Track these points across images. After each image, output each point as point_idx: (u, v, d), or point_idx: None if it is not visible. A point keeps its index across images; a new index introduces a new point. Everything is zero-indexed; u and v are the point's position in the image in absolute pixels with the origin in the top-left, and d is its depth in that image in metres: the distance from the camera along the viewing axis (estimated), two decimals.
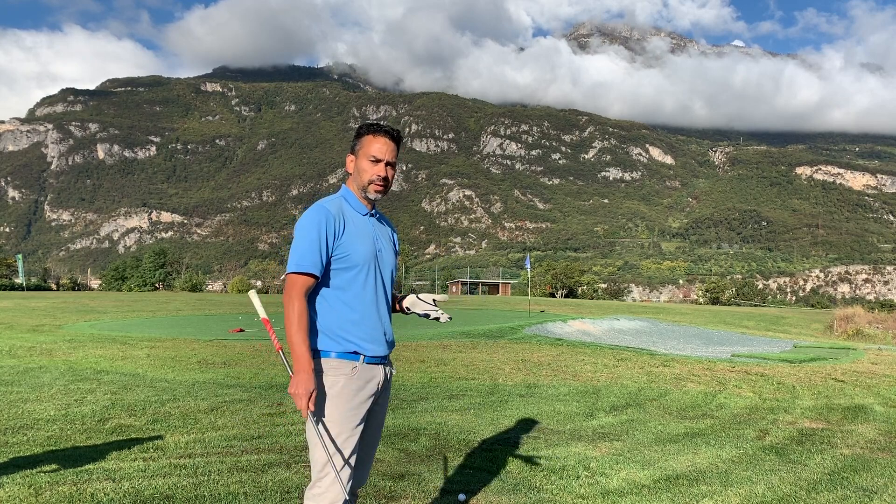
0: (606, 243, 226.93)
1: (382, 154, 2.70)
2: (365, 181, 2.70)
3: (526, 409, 6.93)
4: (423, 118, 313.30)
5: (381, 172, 2.70)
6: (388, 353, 2.74)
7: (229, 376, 8.55)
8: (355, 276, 2.63)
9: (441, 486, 4.26)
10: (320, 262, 2.57)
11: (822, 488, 4.45)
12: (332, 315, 2.63)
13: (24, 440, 5.11)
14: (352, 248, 2.62)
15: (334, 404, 2.57)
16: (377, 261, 2.70)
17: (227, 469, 4.43)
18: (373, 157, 2.69)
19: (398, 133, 2.78)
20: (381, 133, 2.73)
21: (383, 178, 2.71)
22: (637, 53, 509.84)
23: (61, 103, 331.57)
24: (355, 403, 2.60)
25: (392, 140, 2.73)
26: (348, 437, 2.57)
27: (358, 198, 2.75)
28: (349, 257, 2.62)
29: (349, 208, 2.71)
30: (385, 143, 2.71)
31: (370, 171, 2.69)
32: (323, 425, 2.57)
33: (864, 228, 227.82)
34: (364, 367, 2.64)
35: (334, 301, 2.63)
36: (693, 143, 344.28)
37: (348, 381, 2.59)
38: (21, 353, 10.57)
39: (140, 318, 20.87)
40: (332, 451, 2.55)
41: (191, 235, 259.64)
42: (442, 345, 12.52)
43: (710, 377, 9.69)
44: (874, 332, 30.00)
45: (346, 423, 2.58)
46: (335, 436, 2.55)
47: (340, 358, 2.61)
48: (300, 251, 2.56)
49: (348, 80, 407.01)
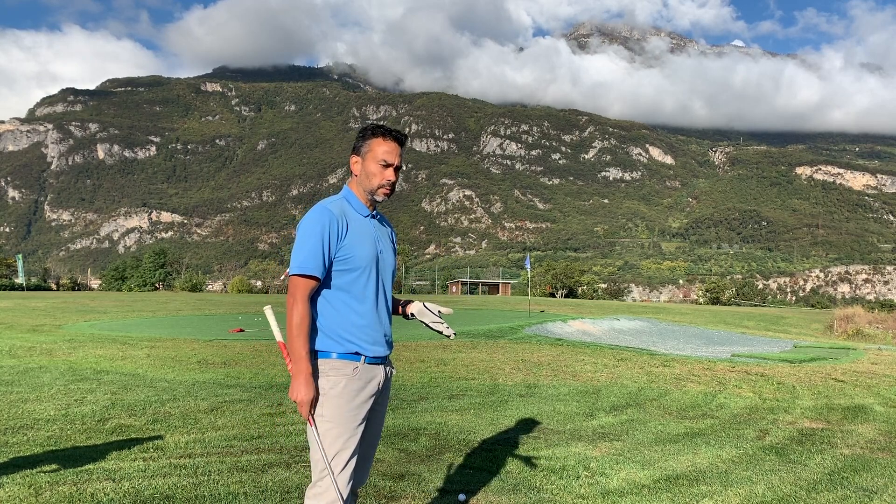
0: (606, 243, 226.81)
1: (392, 158, 2.69)
2: (374, 185, 2.69)
3: (526, 409, 6.93)
4: (423, 118, 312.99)
5: (391, 178, 2.70)
6: (388, 354, 2.74)
7: (229, 376, 8.55)
8: (357, 278, 2.63)
9: (441, 486, 4.26)
10: (323, 264, 2.56)
11: (822, 488, 4.45)
12: (334, 316, 2.62)
13: (24, 440, 5.11)
14: (354, 251, 2.62)
15: (335, 405, 2.57)
16: (378, 262, 2.70)
17: (227, 469, 4.43)
18: (383, 162, 2.68)
19: (405, 137, 2.78)
20: (390, 137, 2.71)
21: (392, 184, 2.72)
22: (637, 53, 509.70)
23: (61, 103, 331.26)
24: (356, 404, 2.60)
25: (399, 144, 2.73)
26: (349, 437, 2.57)
27: (360, 199, 2.73)
28: (351, 259, 2.61)
29: (351, 210, 2.70)
30: (394, 148, 2.70)
31: (379, 175, 2.69)
32: (324, 426, 2.56)
33: (864, 228, 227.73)
34: (365, 367, 2.64)
35: (336, 302, 2.63)
36: (693, 143, 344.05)
37: (349, 381, 2.59)
38: (21, 353, 10.57)
39: (140, 318, 20.87)
40: (334, 451, 2.54)
41: (191, 235, 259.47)
42: (442, 345, 12.52)
43: (710, 377, 9.69)
44: (874, 332, 29.99)
45: (348, 424, 2.57)
46: (336, 436, 2.55)
47: (342, 358, 2.61)
48: (303, 253, 2.55)
49: (348, 80, 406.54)
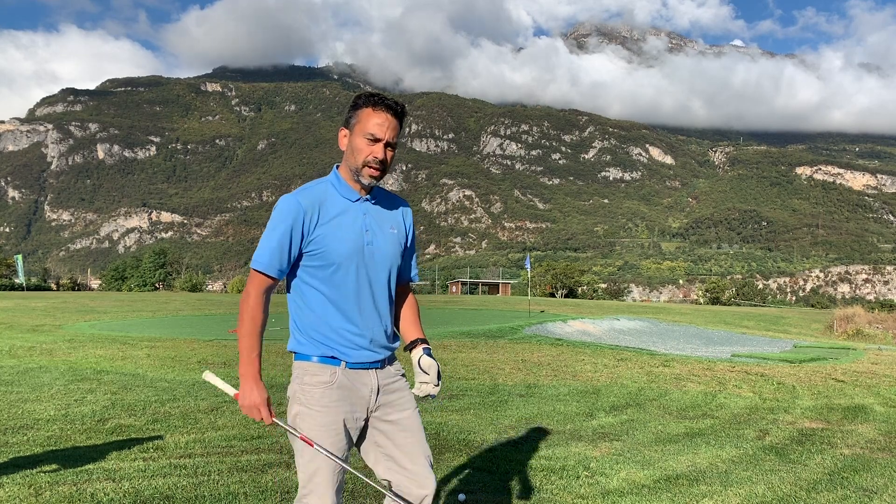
0: (606, 243, 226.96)
1: (382, 132, 2.29)
2: (359, 162, 2.30)
3: (526, 409, 6.92)
4: (422, 118, 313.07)
5: (378, 154, 2.30)
6: (379, 359, 2.38)
7: (229, 376, 8.54)
8: (333, 274, 2.30)
9: (441, 486, 4.26)
10: (279, 262, 2.27)
11: (822, 488, 4.45)
12: (310, 315, 2.32)
13: (24, 440, 5.11)
14: (328, 243, 2.28)
15: (310, 414, 2.27)
16: (364, 255, 2.33)
17: (227, 469, 4.43)
18: (370, 136, 2.28)
19: (402, 108, 2.35)
20: (382, 107, 2.30)
21: (380, 161, 2.31)
22: (636, 53, 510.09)
23: (61, 103, 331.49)
24: (335, 416, 2.28)
25: (395, 116, 2.32)
26: (328, 454, 2.24)
27: (346, 181, 2.36)
28: (325, 253, 2.28)
29: (334, 195, 2.34)
30: (386, 120, 2.29)
31: (366, 151, 2.29)
32: (298, 442, 2.28)
33: (864, 228, 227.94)
34: (346, 373, 2.32)
35: (312, 300, 2.32)
36: (693, 143, 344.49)
37: (327, 389, 2.29)
38: (21, 353, 10.57)
39: (140, 318, 20.86)
40: (311, 470, 2.26)
41: (191, 235, 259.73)
42: (442, 345, 12.52)
43: (710, 377, 9.68)
44: (874, 332, 29.96)
45: (325, 439, 2.25)
46: (314, 454, 2.25)
47: (320, 362, 2.31)
48: (261, 247, 2.28)
49: (348, 80, 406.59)
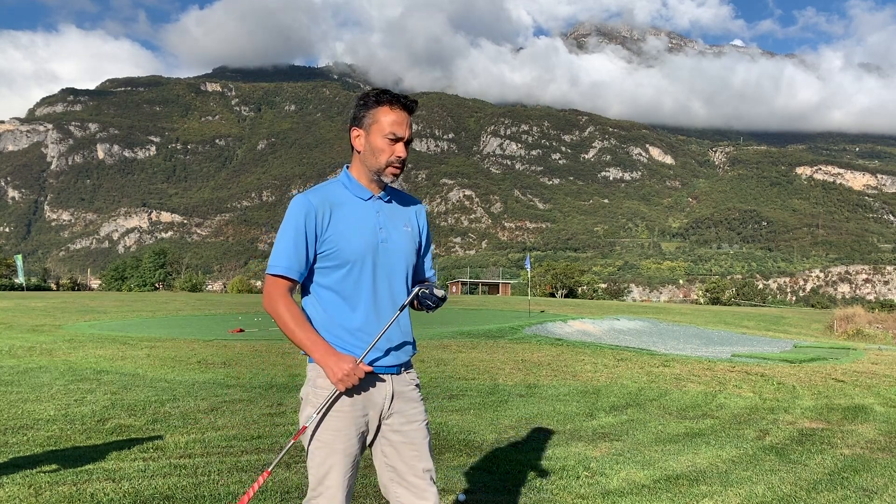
0: (606, 243, 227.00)
1: (402, 130, 2.27)
2: (382, 163, 2.29)
3: (526, 409, 6.92)
4: (422, 118, 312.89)
5: (400, 153, 2.29)
6: (395, 363, 2.34)
7: (229, 376, 8.54)
8: (347, 274, 2.27)
9: (441, 486, 4.25)
10: (297, 263, 2.25)
11: (822, 488, 4.45)
12: (324, 317, 2.30)
13: (24, 440, 5.11)
14: (341, 243, 2.26)
15: (322, 418, 2.27)
16: (379, 253, 2.30)
17: (227, 469, 4.43)
18: (391, 135, 2.26)
19: (415, 104, 2.34)
20: (398, 105, 2.28)
21: (402, 160, 2.32)
22: (635, 53, 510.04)
23: (61, 103, 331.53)
24: (347, 420, 2.27)
25: (409, 113, 2.32)
26: (339, 458, 2.25)
27: (359, 180, 2.35)
28: (338, 253, 2.26)
29: (345, 195, 2.32)
30: (403, 118, 2.28)
31: (388, 151, 2.28)
32: (313, 443, 2.28)
33: (865, 228, 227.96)
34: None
35: (326, 302, 2.30)
36: (693, 143, 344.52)
37: (340, 393, 2.28)
38: (21, 353, 10.57)
39: (140, 318, 20.86)
40: (322, 473, 2.26)
41: (191, 235, 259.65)
42: (442, 345, 12.52)
43: (710, 377, 9.68)
44: (874, 332, 29.98)
45: (336, 444, 2.25)
46: (325, 457, 2.25)
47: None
48: (276, 251, 2.26)
49: (348, 80, 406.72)
